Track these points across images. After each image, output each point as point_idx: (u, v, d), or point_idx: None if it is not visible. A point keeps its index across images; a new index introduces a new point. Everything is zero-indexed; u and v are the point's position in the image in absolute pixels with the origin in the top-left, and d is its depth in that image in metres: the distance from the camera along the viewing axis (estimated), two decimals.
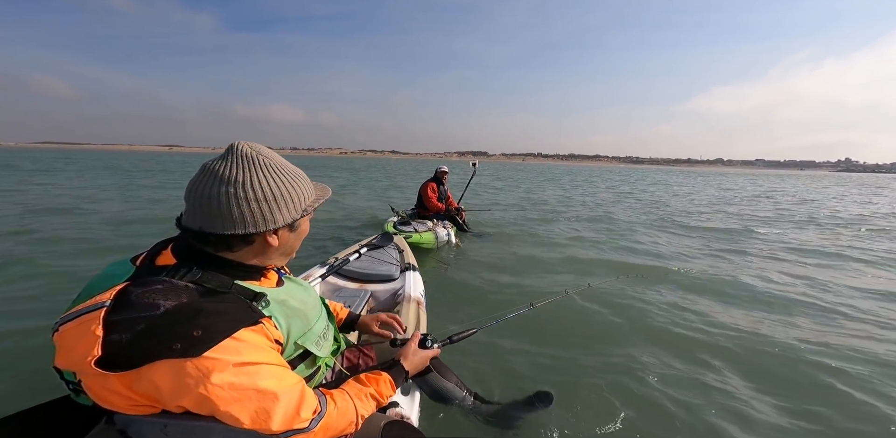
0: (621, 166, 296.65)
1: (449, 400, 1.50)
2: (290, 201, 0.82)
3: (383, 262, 2.77)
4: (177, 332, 0.67)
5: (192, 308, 0.70)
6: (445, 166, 6.08)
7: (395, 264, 2.76)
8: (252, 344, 0.73)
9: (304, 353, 0.91)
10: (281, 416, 0.72)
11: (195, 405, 0.69)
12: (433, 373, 1.44)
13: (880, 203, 14.71)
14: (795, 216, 9.71)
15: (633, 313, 3.09)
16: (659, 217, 8.85)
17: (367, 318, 1.38)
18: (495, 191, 15.56)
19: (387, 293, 2.43)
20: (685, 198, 14.87)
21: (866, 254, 5.51)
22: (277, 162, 0.82)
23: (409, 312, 2.09)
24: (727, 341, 2.66)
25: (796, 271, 4.51)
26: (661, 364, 2.35)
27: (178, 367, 0.66)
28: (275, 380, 0.73)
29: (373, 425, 1.04)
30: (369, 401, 0.96)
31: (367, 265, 2.68)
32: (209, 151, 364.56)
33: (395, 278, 2.59)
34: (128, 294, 0.71)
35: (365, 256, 2.86)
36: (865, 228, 8.03)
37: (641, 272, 4.12)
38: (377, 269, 2.64)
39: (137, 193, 10.47)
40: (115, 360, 0.65)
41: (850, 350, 2.56)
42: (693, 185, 25.80)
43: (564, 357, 2.38)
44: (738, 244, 6.02)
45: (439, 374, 1.48)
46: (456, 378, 1.53)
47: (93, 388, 0.71)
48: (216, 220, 0.76)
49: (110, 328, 0.67)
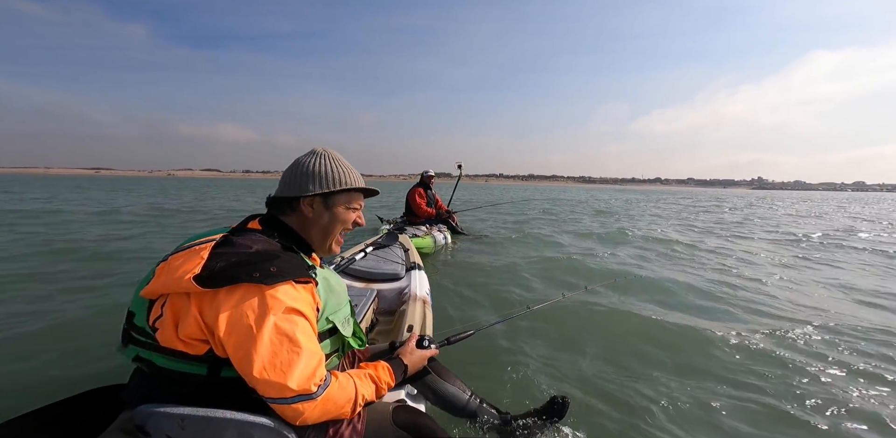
0: (576, 186, 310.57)
1: (454, 406, 1.45)
2: (323, 177, 1.04)
3: (389, 261, 2.78)
4: (260, 266, 0.86)
5: (273, 253, 0.91)
6: (432, 170, 5.95)
7: (401, 263, 2.77)
8: (303, 297, 0.90)
9: (332, 329, 1.01)
10: (298, 373, 0.82)
11: (240, 337, 0.81)
12: (432, 376, 1.41)
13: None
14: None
15: (631, 316, 3.09)
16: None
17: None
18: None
19: (393, 291, 2.44)
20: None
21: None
22: (335, 156, 1.09)
23: (415, 311, 2.09)
24: (734, 339, 2.66)
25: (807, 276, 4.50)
26: (664, 365, 2.35)
27: (250, 291, 0.84)
28: (305, 338, 0.86)
29: (382, 409, 1.08)
30: (367, 381, 1.01)
31: (372, 264, 2.69)
32: (145, 175, 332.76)
33: (401, 277, 2.60)
34: (230, 238, 0.93)
35: (371, 255, 2.88)
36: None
37: (636, 277, 4.13)
38: (383, 268, 2.65)
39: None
40: (206, 280, 0.82)
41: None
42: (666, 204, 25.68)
43: (567, 361, 2.37)
44: (725, 253, 6.01)
45: (440, 377, 1.44)
46: (459, 382, 1.48)
47: (168, 316, 0.85)
48: (282, 188, 1.06)
49: (213, 257, 0.87)
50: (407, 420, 1.06)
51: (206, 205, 14.07)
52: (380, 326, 2.18)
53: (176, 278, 0.83)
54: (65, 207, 11.46)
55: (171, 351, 0.85)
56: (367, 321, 2.05)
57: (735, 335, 2.72)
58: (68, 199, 15.00)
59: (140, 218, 9.13)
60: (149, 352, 0.87)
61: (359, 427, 0.99)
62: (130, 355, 0.90)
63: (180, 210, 11.60)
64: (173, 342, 0.84)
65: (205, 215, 10.43)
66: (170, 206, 13.01)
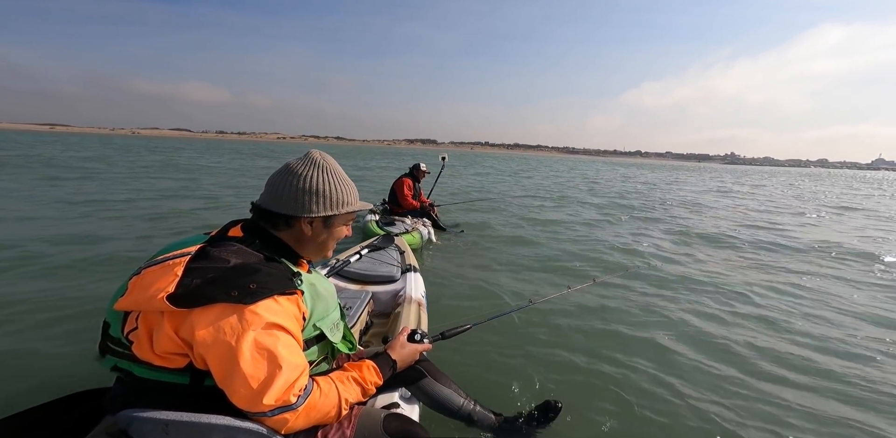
0: (560, 156, 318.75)
1: (449, 408, 1.44)
2: (328, 199, 0.98)
3: (384, 263, 2.76)
4: (238, 282, 0.82)
5: (253, 266, 0.86)
6: (425, 166, 5.86)
7: (396, 265, 2.76)
8: (286, 310, 0.86)
9: (320, 336, 0.99)
10: (277, 388, 0.81)
11: (220, 356, 0.79)
12: (427, 379, 1.38)
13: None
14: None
15: (633, 312, 3.08)
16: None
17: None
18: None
19: (388, 294, 2.43)
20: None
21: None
22: (335, 169, 1.02)
23: (410, 313, 2.09)
24: (740, 336, 2.66)
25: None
26: (664, 364, 2.34)
27: (228, 311, 0.80)
28: (287, 351, 0.83)
29: (374, 416, 1.06)
30: (351, 384, 1.01)
31: (368, 267, 2.67)
32: (106, 132, 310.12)
33: (397, 279, 2.58)
34: (207, 251, 0.88)
35: (366, 257, 2.86)
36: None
37: (644, 268, 4.12)
38: (378, 270, 2.63)
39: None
40: (180, 300, 0.78)
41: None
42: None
43: (567, 361, 2.36)
44: (727, 240, 6.03)
45: (434, 380, 1.42)
46: (454, 385, 1.47)
47: (142, 330, 0.82)
48: (273, 200, 0.97)
49: (187, 272, 0.82)
50: (398, 429, 1.05)
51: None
52: (374, 328, 2.17)
53: (148, 296, 0.80)
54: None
55: (148, 364, 0.83)
56: (362, 324, 2.03)
57: (752, 337, 2.71)
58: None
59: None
60: (127, 363, 0.85)
61: (348, 432, 0.97)
62: (108, 365, 0.89)
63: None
64: (150, 356, 0.82)
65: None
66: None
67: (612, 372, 2.23)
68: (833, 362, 2.46)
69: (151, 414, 0.80)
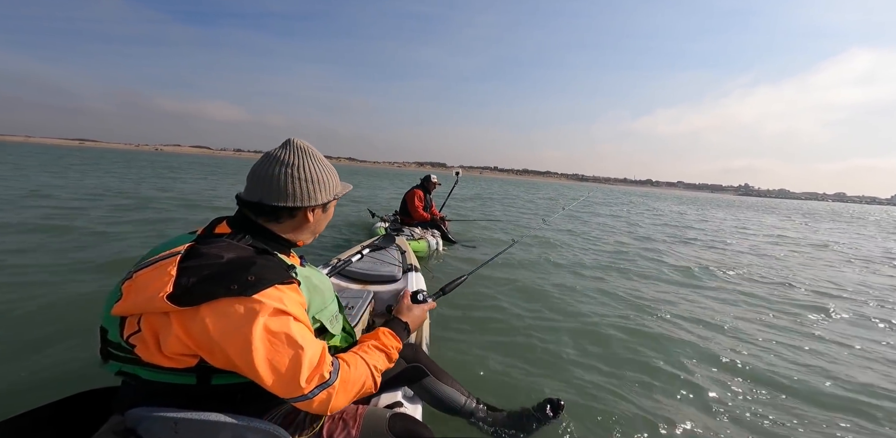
0: (569, 183, 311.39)
1: (452, 407, 1.46)
2: (327, 185, 1.01)
3: (386, 263, 2.77)
4: (235, 276, 0.80)
5: (247, 260, 0.84)
6: (436, 177, 5.94)
7: (398, 264, 2.76)
8: (290, 297, 0.85)
9: (321, 328, 0.98)
10: (307, 367, 0.81)
11: (236, 348, 0.78)
12: (430, 378, 1.40)
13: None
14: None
15: (631, 312, 3.09)
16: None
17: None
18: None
19: (389, 293, 2.43)
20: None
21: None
22: (319, 156, 1.02)
23: None
24: (742, 334, 2.66)
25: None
26: (662, 363, 2.35)
27: (232, 305, 0.79)
28: (301, 332, 0.83)
29: (379, 416, 1.07)
30: (374, 351, 1.01)
31: (369, 266, 2.68)
32: (132, 148, 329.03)
33: (398, 279, 2.59)
34: (197, 249, 0.86)
35: (367, 257, 2.86)
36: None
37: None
38: (380, 270, 2.64)
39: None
40: (181, 299, 0.77)
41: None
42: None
43: (570, 360, 2.37)
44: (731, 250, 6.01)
45: (437, 378, 1.44)
46: (456, 383, 1.49)
47: (147, 332, 0.80)
48: (273, 194, 0.94)
49: (182, 272, 0.80)
50: (403, 429, 1.05)
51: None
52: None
53: (148, 297, 0.78)
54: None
55: (155, 366, 0.82)
56: (364, 323, 2.04)
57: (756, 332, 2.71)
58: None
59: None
60: (132, 367, 0.84)
61: (353, 433, 0.98)
62: (113, 369, 0.88)
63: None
64: (157, 358, 0.81)
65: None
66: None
67: (614, 372, 2.24)
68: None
69: (161, 413, 0.80)
